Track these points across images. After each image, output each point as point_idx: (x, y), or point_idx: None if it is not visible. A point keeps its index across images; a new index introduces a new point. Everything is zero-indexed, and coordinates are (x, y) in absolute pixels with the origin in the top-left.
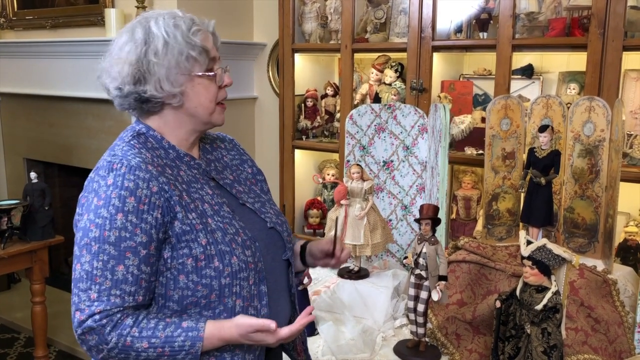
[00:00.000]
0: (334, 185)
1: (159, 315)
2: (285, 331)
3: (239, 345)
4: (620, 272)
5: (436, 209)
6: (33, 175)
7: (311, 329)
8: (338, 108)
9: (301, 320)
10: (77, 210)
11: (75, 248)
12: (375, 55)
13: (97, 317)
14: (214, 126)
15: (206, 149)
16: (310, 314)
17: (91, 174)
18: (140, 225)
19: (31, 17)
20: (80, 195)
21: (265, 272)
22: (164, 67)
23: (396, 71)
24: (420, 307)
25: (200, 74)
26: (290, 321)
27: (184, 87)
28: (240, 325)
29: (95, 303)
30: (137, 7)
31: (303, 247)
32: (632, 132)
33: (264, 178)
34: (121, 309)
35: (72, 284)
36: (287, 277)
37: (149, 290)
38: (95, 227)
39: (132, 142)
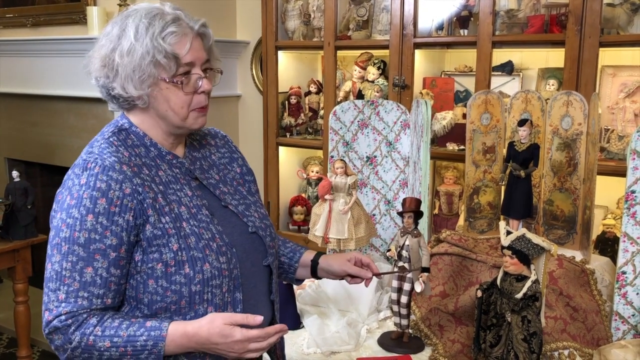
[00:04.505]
0: (318, 181)
1: (125, 316)
2: (254, 332)
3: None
4: (598, 262)
5: (418, 201)
6: (15, 174)
7: (296, 322)
8: (321, 105)
9: (275, 327)
10: (53, 206)
11: (48, 247)
12: (358, 52)
13: (62, 317)
14: (190, 131)
15: (193, 146)
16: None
17: (69, 171)
18: (110, 227)
19: (11, 15)
20: (58, 190)
21: (242, 279)
22: (127, 69)
23: (379, 68)
24: (404, 299)
25: (166, 79)
26: (271, 323)
27: (150, 90)
28: (214, 318)
29: (63, 304)
30: (120, 5)
31: (315, 261)
32: (609, 127)
33: (254, 178)
34: (88, 310)
35: (44, 283)
36: (268, 283)
37: (119, 292)
38: (66, 227)
39: (111, 139)
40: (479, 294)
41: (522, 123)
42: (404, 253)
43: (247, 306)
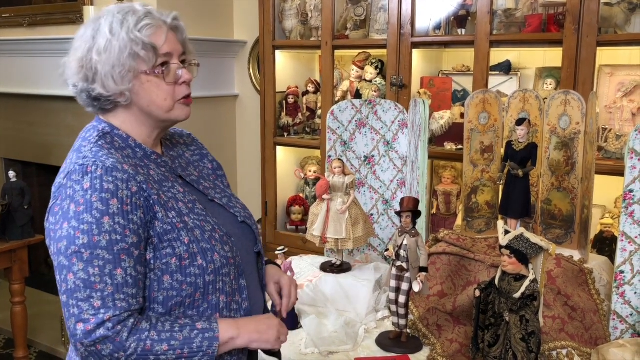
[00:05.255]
0: (316, 181)
1: (168, 318)
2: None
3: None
4: (596, 262)
5: (416, 201)
6: (12, 174)
7: (294, 322)
8: (319, 105)
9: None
10: (50, 219)
11: (61, 258)
12: (355, 52)
13: (109, 324)
14: (176, 122)
15: (167, 146)
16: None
17: (61, 180)
18: (128, 226)
19: (8, 15)
20: (52, 203)
21: (243, 266)
22: (107, 65)
23: (376, 68)
24: (402, 299)
25: (147, 71)
26: (265, 312)
27: (131, 85)
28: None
29: (102, 310)
30: None
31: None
32: (606, 126)
33: (224, 173)
34: (130, 313)
35: (66, 296)
36: (258, 269)
37: (144, 291)
38: (81, 233)
39: (99, 143)
40: (477, 293)
41: (520, 122)
42: (402, 253)
43: (249, 292)
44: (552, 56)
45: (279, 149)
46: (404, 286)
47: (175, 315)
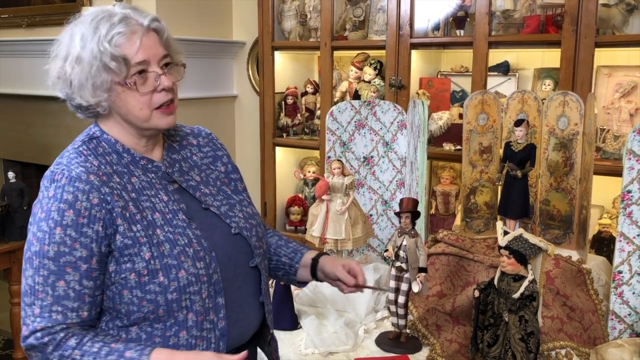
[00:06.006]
0: (315, 181)
1: (106, 339)
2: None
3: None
4: (594, 262)
5: (415, 202)
6: (11, 175)
7: (294, 323)
8: (318, 105)
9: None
10: (30, 219)
11: (23, 260)
12: (354, 53)
13: (38, 334)
14: (159, 131)
15: (173, 148)
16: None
17: (40, 183)
18: (79, 239)
19: (6, 16)
20: (34, 203)
21: (225, 282)
22: (80, 77)
23: (375, 69)
24: (401, 299)
25: (120, 82)
26: (263, 323)
27: (107, 95)
28: (206, 352)
29: (38, 319)
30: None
31: (315, 260)
32: (604, 127)
33: (239, 176)
34: (64, 326)
35: (21, 297)
36: (256, 284)
37: (94, 304)
38: (36, 240)
39: (80, 149)
40: (477, 294)
41: (518, 123)
42: (402, 253)
43: (231, 309)
44: (551, 57)
45: (278, 149)
46: (404, 286)
47: (116, 337)
